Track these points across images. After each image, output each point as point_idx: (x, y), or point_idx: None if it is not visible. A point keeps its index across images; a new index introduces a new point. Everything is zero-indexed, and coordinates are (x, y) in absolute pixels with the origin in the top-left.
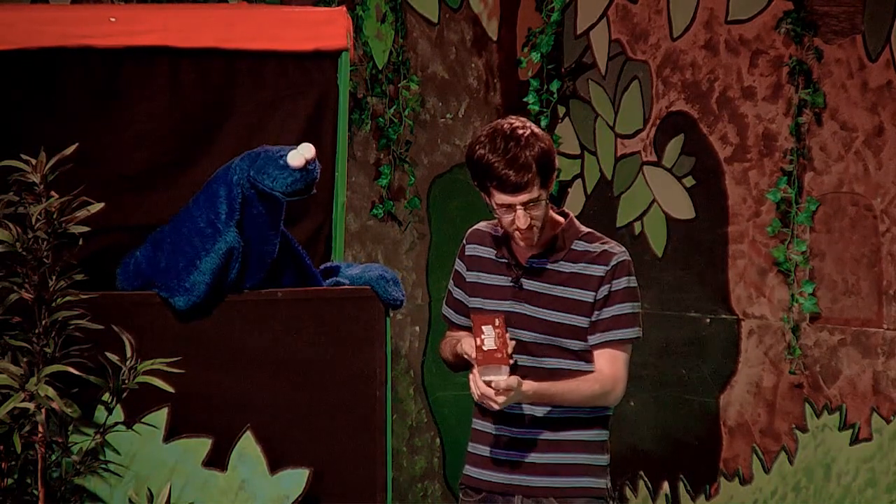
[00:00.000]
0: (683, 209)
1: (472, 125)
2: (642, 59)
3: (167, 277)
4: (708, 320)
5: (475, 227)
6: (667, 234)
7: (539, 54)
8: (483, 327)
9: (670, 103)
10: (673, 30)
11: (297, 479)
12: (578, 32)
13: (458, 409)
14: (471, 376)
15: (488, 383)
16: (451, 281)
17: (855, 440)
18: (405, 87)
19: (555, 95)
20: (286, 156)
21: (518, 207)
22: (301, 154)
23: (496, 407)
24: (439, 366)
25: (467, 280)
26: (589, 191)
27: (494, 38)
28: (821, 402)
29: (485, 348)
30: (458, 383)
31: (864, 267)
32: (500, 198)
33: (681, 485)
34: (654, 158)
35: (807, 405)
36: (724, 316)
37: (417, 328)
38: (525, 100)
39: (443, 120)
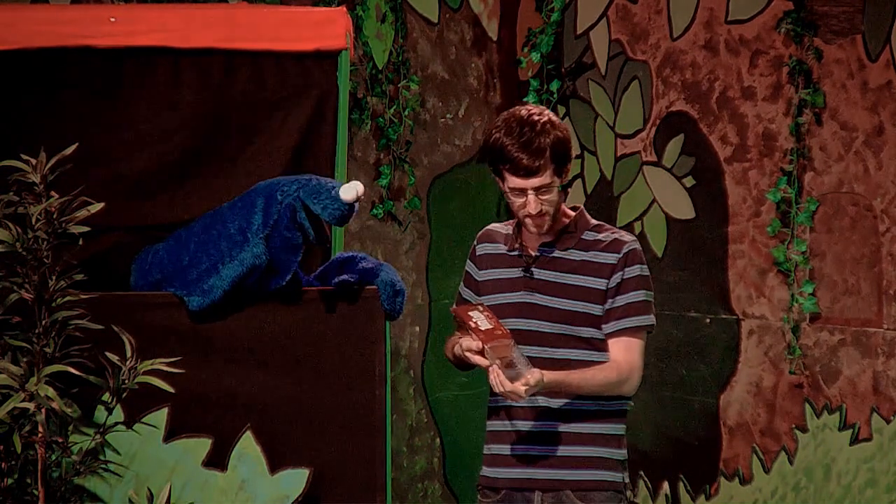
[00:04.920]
0: (683, 209)
1: (472, 125)
2: (642, 59)
3: (187, 275)
4: (708, 320)
5: (485, 228)
6: (667, 234)
7: (539, 54)
8: (470, 313)
9: (670, 103)
10: (673, 30)
11: (297, 479)
12: (578, 32)
13: (458, 409)
14: (490, 375)
15: (513, 377)
16: (462, 282)
17: (855, 440)
18: (405, 87)
19: (555, 95)
20: (338, 188)
21: (530, 192)
22: (354, 189)
23: (520, 400)
24: (439, 366)
25: (479, 280)
26: (589, 191)
27: (494, 38)
28: (821, 402)
29: (482, 328)
30: (458, 383)
31: (864, 267)
32: (513, 181)
33: (681, 485)
34: (654, 158)
35: (807, 405)
36: (724, 316)
37: (417, 328)
38: (525, 100)
39: (443, 120)
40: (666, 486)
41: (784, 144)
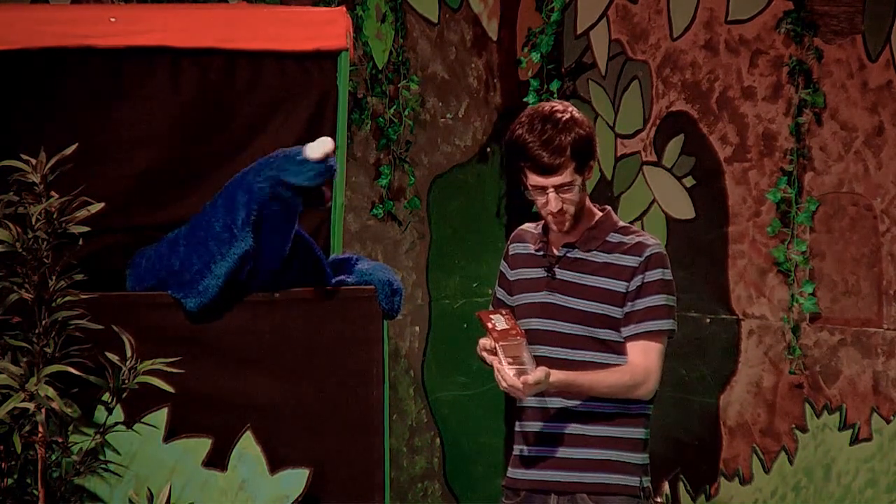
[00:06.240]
0: (683, 209)
1: (472, 125)
2: (642, 59)
3: (181, 278)
4: (708, 320)
5: (518, 228)
6: (667, 235)
7: (539, 54)
8: (492, 317)
9: (670, 103)
10: (673, 30)
11: (297, 479)
12: (578, 32)
13: (458, 409)
14: (496, 371)
15: (520, 373)
16: (496, 282)
17: (855, 440)
18: (405, 87)
19: (555, 95)
20: (304, 152)
21: (550, 190)
22: (320, 147)
23: (522, 397)
24: (439, 366)
25: (511, 280)
26: (589, 191)
27: (494, 38)
28: (821, 402)
29: (498, 328)
30: (458, 383)
31: (864, 267)
32: (534, 179)
33: (681, 485)
34: (654, 158)
35: (807, 405)
36: (724, 316)
37: (417, 328)
38: (525, 100)
39: (443, 120)
40: (666, 486)
41: (784, 144)
